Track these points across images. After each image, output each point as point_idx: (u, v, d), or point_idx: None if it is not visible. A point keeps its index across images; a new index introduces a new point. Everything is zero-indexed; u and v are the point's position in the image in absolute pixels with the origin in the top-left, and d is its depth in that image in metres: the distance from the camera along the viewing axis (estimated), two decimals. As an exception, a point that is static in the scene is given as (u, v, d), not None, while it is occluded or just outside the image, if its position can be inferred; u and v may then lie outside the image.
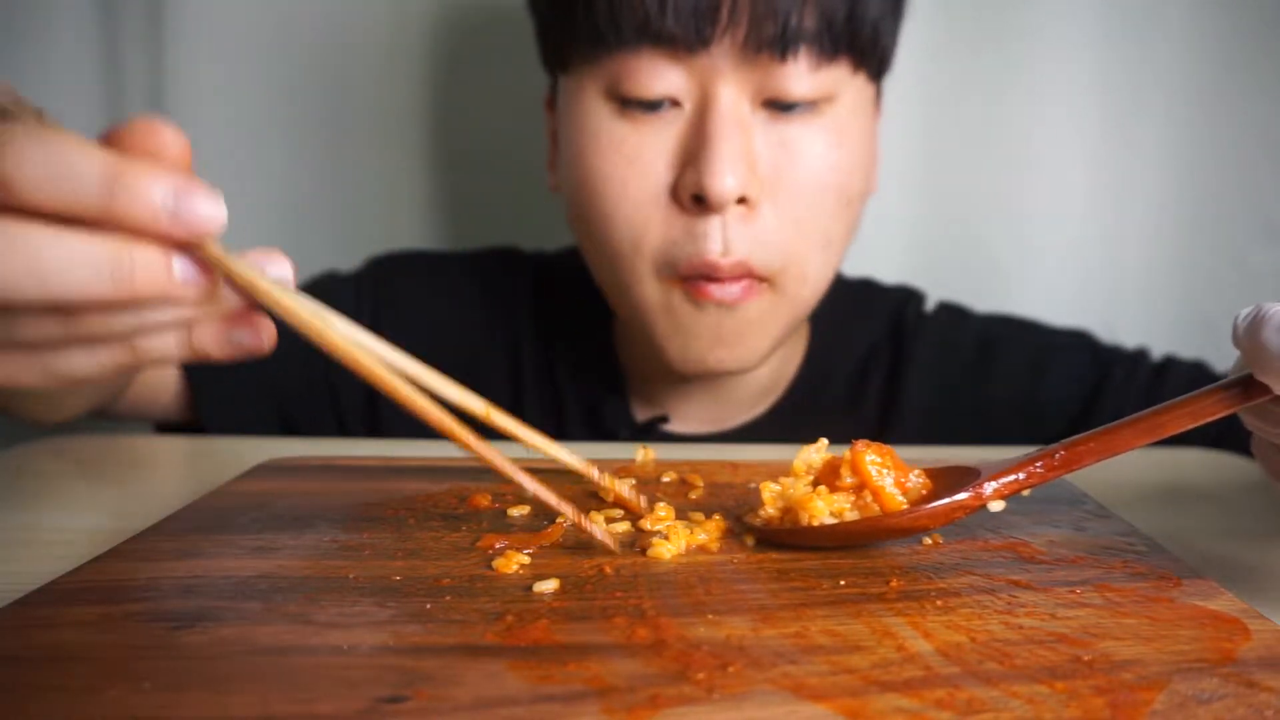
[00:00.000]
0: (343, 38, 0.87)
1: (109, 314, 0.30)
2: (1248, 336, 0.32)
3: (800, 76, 0.56)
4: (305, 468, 0.50)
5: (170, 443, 0.65)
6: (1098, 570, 0.37)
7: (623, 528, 0.40)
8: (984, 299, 0.78)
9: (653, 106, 0.57)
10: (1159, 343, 0.75)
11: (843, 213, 0.60)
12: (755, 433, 0.70)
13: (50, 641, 0.29)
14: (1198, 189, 0.85)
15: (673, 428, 0.70)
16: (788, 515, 0.39)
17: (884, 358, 0.73)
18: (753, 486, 0.47)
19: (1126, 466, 0.57)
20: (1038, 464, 0.37)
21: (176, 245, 0.30)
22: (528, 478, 0.38)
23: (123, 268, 0.28)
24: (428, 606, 0.32)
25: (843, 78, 0.58)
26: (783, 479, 0.40)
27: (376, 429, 0.71)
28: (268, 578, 0.34)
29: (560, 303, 0.74)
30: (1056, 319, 0.76)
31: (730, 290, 0.58)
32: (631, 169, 0.57)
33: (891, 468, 0.38)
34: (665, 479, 0.48)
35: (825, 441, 0.41)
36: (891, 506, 0.37)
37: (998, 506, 0.37)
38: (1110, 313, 0.86)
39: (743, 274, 0.58)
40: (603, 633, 0.30)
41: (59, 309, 0.29)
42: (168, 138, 0.30)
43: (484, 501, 0.44)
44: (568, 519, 0.38)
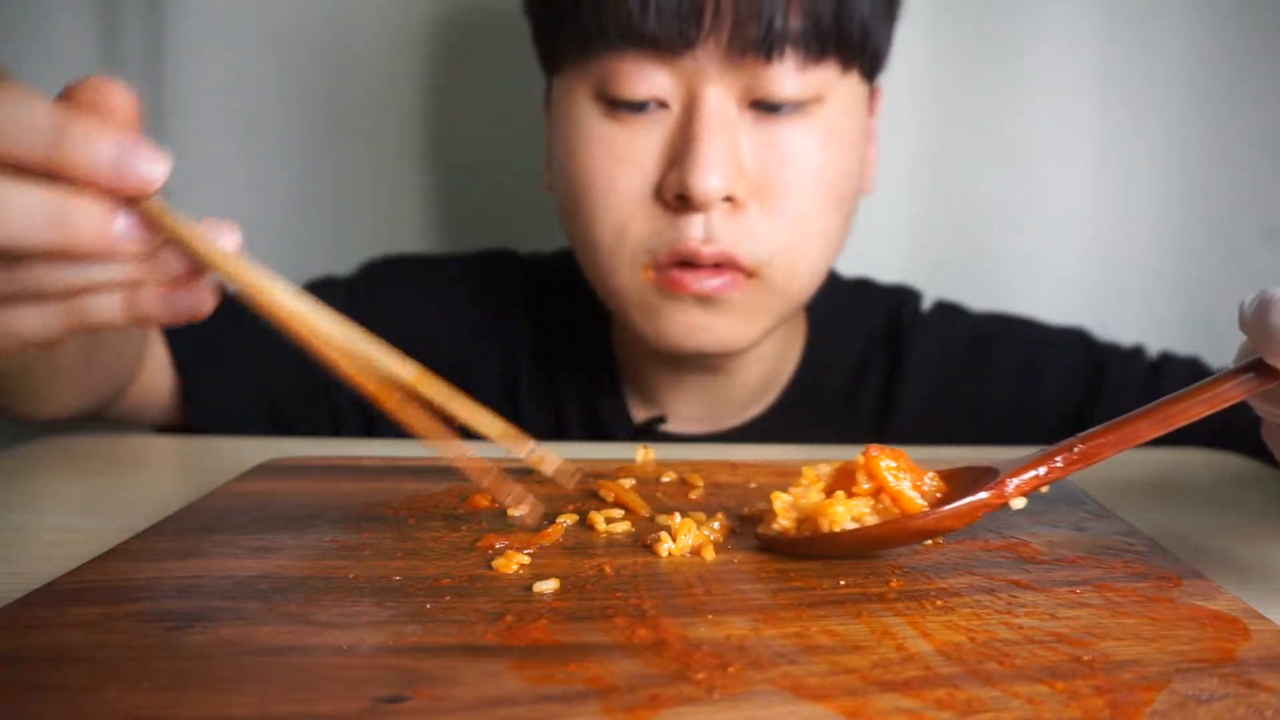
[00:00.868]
0: (340, 40, 0.87)
1: (52, 266, 0.31)
2: (1255, 321, 0.32)
3: (787, 78, 0.55)
4: (305, 468, 0.50)
5: (170, 443, 0.65)
6: (1098, 570, 0.37)
7: (623, 528, 0.40)
8: (983, 298, 0.78)
9: (640, 107, 0.57)
10: (1157, 341, 0.75)
11: (834, 211, 0.60)
12: (753, 432, 0.70)
13: (50, 641, 0.29)
14: (1198, 189, 0.85)
15: (670, 428, 0.70)
16: (804, 524, 0.38)
17: (880, 357, 0.73)
18: (753, 486, 0.47)
19: (1127, 466, 0.57)
20: (1057, 459, 0.36)
21: (122, 201, 0.30)
22: (446, 444, 0.36)
23: (65, 216, 0.29)
24: (428, 606, 0.32)
25: (832, 78, 0.57)
26: (793, 488, 0.39)
27: (371, 427, 0.71)
28: (267, 578, 0.34)
29: (556, 304, 0.74)
30: (1056, 319, 0.76)
31: (708, 282, 0.57)
32: (620, 168, 0.57)
33: (906, 471, 0.37)
34: (665, 479, 0.48)
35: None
36: (912, 509, 0.37)
37: (1020, 504, 0.36)
38: (1110, 313, 0.86)
39: (725, 264, 0.57)
40: (603, 633, 0.30)
41: (1, 257, 0.30)
42: (117, 97, 0.31)
43: (484, 501, 0.44)
44: (490, 481, 0.39)
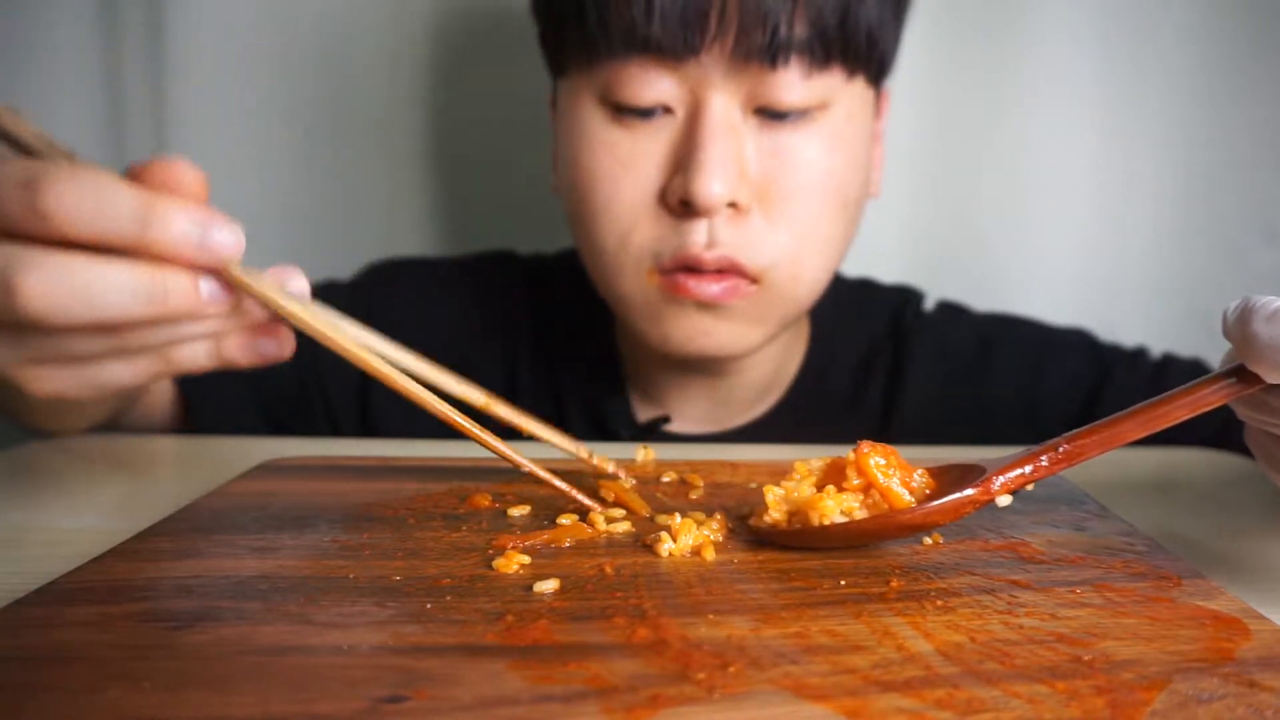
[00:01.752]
0: (343, 43, 0.87)
1: (146, 330, 0.34)
2: (1237, 327, 0.32)
3: (792, 85, 0.55)
4: (305, 468, 0.50)
5: (170, 443, 0.65)
6: (1098, 570, 0.37)
7: (623, 528, 0.40)
8: (985, 299, 0.78)
9: (645, 113, 0.57)
10: (1159, 342, 0.75)
11: (839, 217, 0.60)
12: (756, 433, 0.70)
13: (50, 641, 0.29)
14: (1198, 189, 0.85)
15: (674, 428, 0.70)
16: (795, 517, 0.39)
17: (884, 357, 0.73)
18: (753, 486, 0.47)
19: (1126, 466, 0.57)
20: (1042, 458, 0.37)
21: (202, 269, 0.34)
22: (531, 464, 0.42)
23: (158, 291, 0.33)
24: (428, 606, 0.32)
25: (837, 84, 0.57)
26: (785, 482, 0.40)
27: (368, 424, 0.71)
28: (268, 578, 0.34)
29: (560, 304, 0.74)
30: (1057, 318, 0.76)
31: (710, 288, 0.57)
32: (624, 173, 0.57)
33: (896, 468, 0.38)
34: (665, 479, 0.48)
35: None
36: (899, 505, 0.37)
37: (1005, 501, 0.37)
38: (1110, 313, 0.86)
39: (728, 269, 0.57)
40: (603, 633, 0.30)
41: (103, 328, 0.33)
42: (186, 174, 0.34)
43: (484, 501, 0.44)
44: (570, 494, 0.43)
